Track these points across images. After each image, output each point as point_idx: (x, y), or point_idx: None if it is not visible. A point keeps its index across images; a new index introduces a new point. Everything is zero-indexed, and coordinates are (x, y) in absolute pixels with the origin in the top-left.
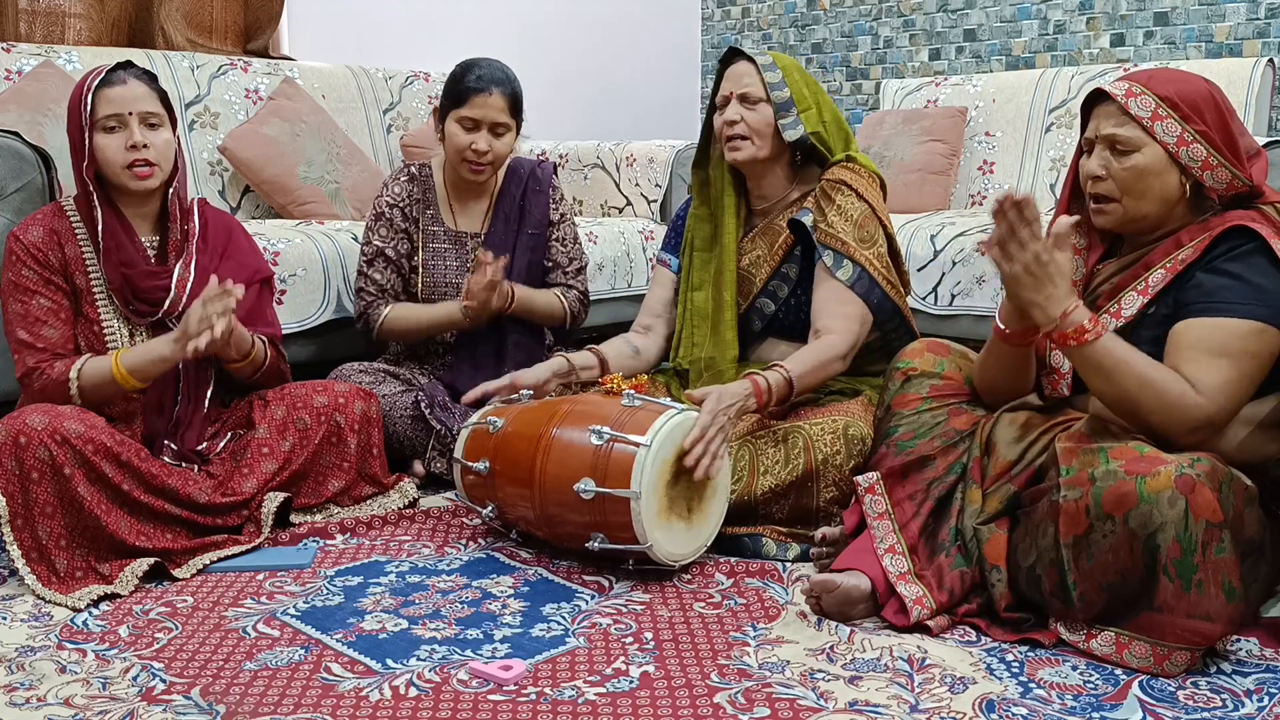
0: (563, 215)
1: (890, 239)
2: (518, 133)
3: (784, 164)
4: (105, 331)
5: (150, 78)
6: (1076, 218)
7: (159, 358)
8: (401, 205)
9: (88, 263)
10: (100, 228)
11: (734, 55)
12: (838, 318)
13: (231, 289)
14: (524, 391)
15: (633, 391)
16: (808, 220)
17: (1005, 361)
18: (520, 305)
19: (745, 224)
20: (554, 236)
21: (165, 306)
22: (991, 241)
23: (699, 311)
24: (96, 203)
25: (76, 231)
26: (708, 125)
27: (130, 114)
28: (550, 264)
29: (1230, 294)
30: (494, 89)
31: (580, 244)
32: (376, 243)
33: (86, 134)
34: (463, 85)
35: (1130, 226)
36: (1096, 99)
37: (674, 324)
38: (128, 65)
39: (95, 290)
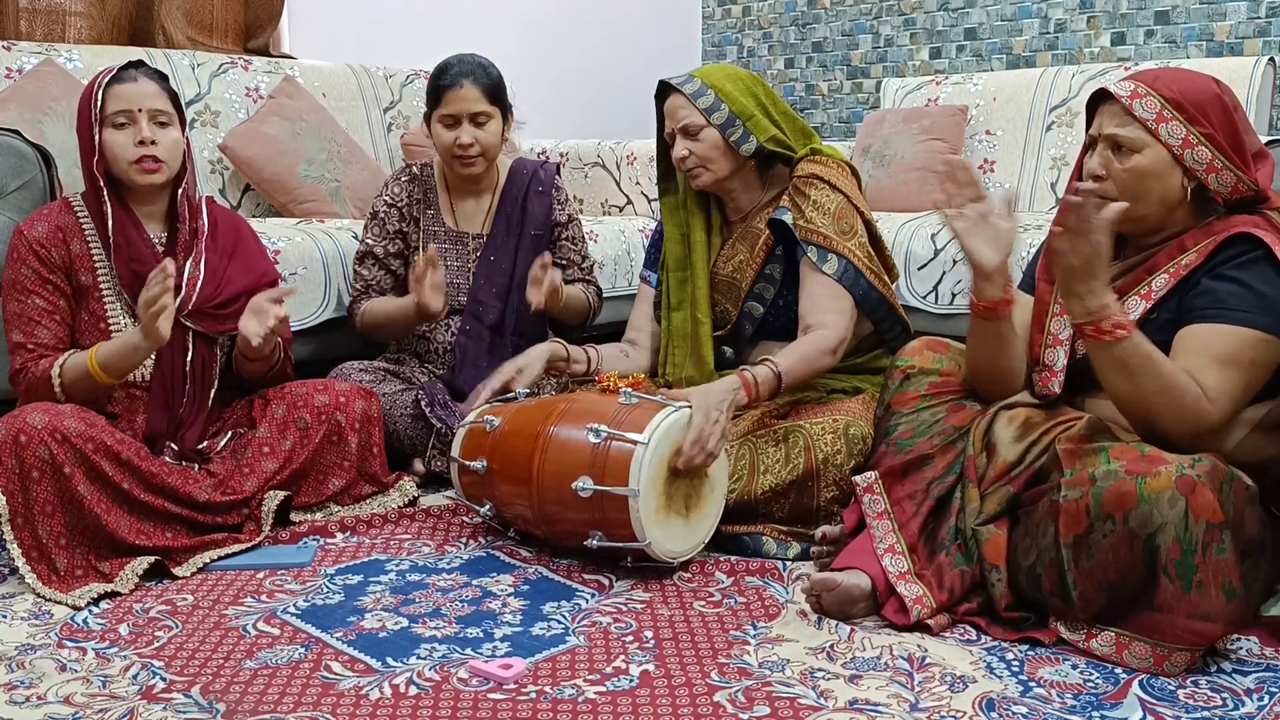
0: (570, 217)
1: (869, 226)
2: (506, 120)
3: (750, 172)
4: (112, 328)
5: (161, 77)
6: (1125, 205)
7: (131, 347)
8: (399, 206)
9: (95, 259)
10: (110, 224)
11: (666, 89)
12: (829, 312)
13: (281, 294)
14: (521, 390)
15: (630, 389)
16: (787, 218)
17: (985, 339)
18: (564, 303)
19: (723, 232)
20: (564, 237)
21: (176, 304)
22: (1062, 229)
23: (679, 332)
24: (106, 199)
25: (84, 227)
26: (663, 156)
27: (140, 110)
28: (564, 263)
29: (1237, 301)
30: (465, 81)
31: (587, 242)
32: (369, 241)
33: (96, 130)
34: (436, 85)
35: (1130, 227)
36: (1102, 97)
37: (658, 338)
38: (140, 64)
39: (103, 286)
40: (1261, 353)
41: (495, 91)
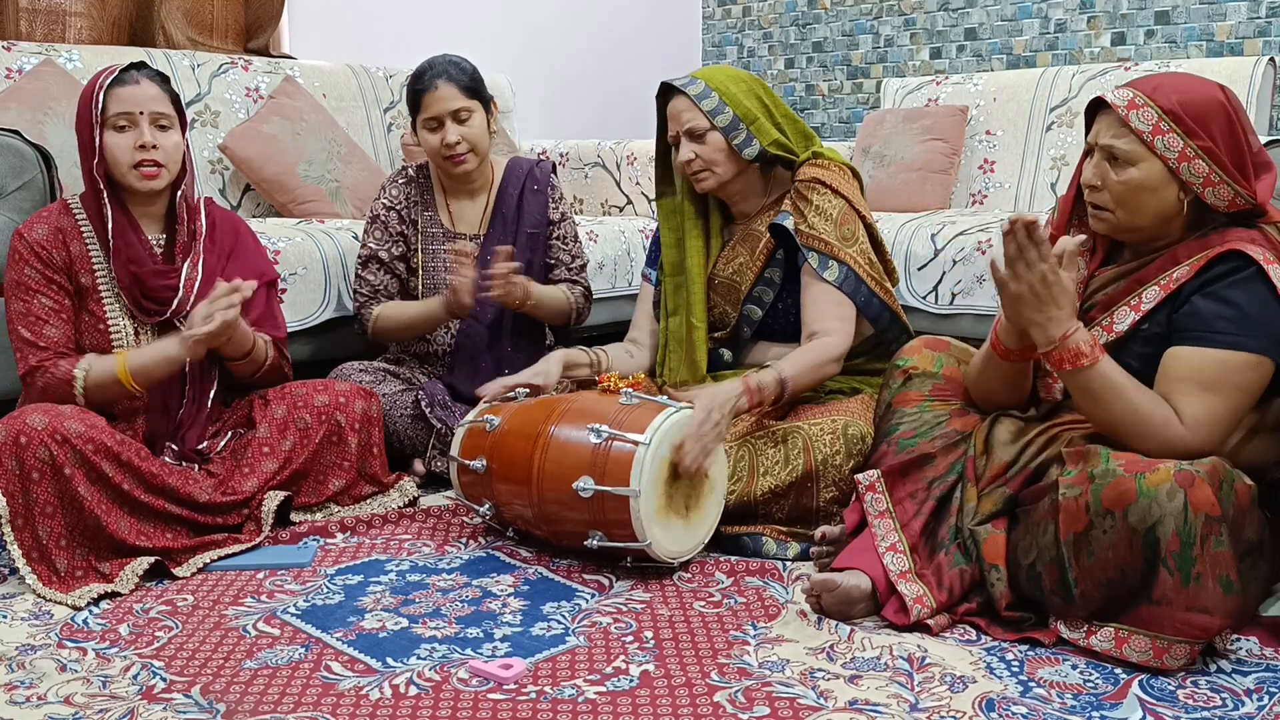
0: (563, 214)
1: (870, 230)
2: (489, 112)
3: (753, 174)
4: (111, 330)
5: (163, 79)
6: (1083, 237)
7: (164, 358)
8: (398, 208)
9: (94, 260)
10: (110, 226)
11: (668, 91)
12: (834, 319)
13: (240, 285)
14: (520, 390)
15: (631, 390)
16: (789, 224)
17: (1002, 375)
18: (534, 301)
19: (723, 235)
20: (555, 235)
21: (174, 306)
22: (1000, 261)
23: (674, 337)
24: (106, 201)
25: (82, 229)
26: (662, 158)
27: (141, 114)
28: (553, 261)
29: (1226, 324)
30: (438, 82)
31: (580, 242)
32: (371, 245)
33: (97, 132)
34: (414, 91)
35: (1126, 236)
36: (1100, 104)
37: (659, 336)
38: (141, 66)
39: (101, 288)
40: (1248, 376)
41: (472, 86)
